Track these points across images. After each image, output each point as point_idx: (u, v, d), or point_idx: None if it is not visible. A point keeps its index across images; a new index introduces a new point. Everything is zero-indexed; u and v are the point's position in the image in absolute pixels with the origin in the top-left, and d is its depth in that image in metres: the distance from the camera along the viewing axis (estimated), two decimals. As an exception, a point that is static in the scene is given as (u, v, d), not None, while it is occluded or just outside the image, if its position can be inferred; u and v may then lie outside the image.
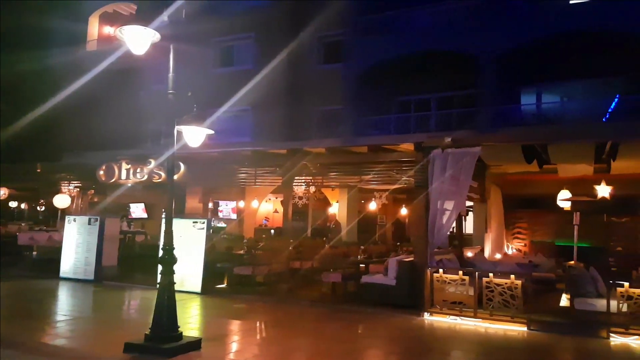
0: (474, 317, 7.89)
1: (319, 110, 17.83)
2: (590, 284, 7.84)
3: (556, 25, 13.60)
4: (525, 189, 15.08)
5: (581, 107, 14.85)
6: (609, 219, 15.10)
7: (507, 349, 6.81)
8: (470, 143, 8.47)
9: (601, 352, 6.62)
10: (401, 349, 6.70)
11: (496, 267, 10.22)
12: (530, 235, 15.99)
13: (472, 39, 14.55)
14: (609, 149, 8.53)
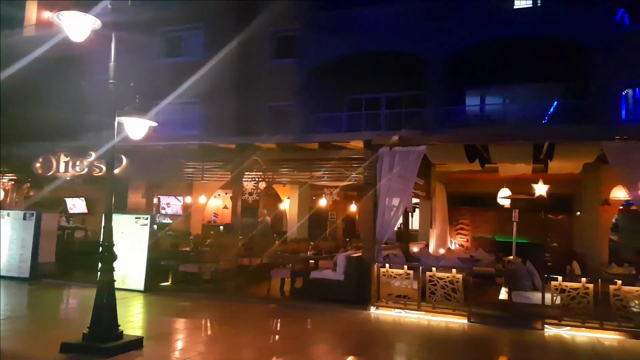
0: (418, 310, 8.13)
1: (271, 106, 17.70)
2: (527, 278, 8.25)
3: (500, 30, 14.18)
4: (468, 187, 15.69)
5: (522, 110, 15.58)
6: (546, 216, 15.94)
7: (448, 341, 7.06)
8: (416, 142, 8.69)
9: (536, 343, 6.96)
10: (347, 343, 6.78)
11: (439, 261, 10.58)
12: (473, 231, 16.63)
13: (420, 41, 14.91)
14: (546, 150, 9.00)
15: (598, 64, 13.34)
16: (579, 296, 7.35)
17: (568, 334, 7.25)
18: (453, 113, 15.07)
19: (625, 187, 8.02)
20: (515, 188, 12.40)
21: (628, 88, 14.26)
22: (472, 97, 16.49)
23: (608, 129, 9.60)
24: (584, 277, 7.65)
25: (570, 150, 8.89)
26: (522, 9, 15.27)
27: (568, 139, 8.26)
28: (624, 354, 6.43)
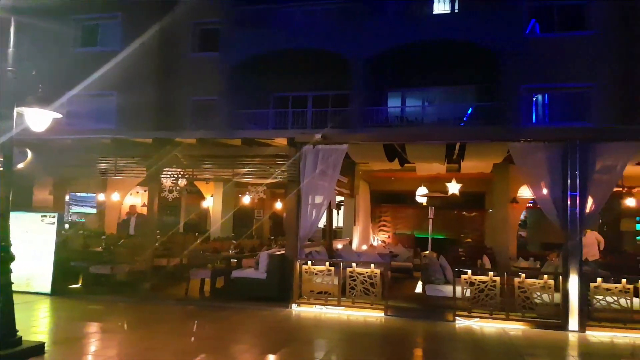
0: (338, 306, 8.25)
1: (194, 100, 17.19)
2: (439, 271, 8.66)
3: (420, 33, 14.77)
4: (390, 185, 16.25)
5: (439, 112, 16.37)
6: (460, 213, 16.88)
7: (365, 335, 7.23)
8: (338, 140, 8.81)
9: (447, 334, 7.30)
10: (266, 341, 6.73)
11: (360, 257, 10.81)
12: (394, 227, 17.25)
13: (344, 40, 15.17)
14: (458, 150, 9.50)
15: (509, 69, 14.31)
16: (487, 289, 7.81)
17: (477, 325, 7.67)
18: (375, 113, 15.50)
19: (529, 186, 8.64)
20: (432, 186, 13.01)
21: (538, 93, 15.43)
22: (394, 98, 17.06)
23: (514, 130, 10.33)
24: (493, 270, 8.15)
25: (480, 150, 9.44)
26: (441, 15, 16.03)
27: (477, 140, 8.76)
28: (527, 343, 6.89)
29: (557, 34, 14.92)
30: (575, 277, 7.50)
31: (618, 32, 14.34)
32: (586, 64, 14.34)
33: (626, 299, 7.28)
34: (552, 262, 9.11)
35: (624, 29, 14.35)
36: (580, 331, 7.32)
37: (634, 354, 6.57)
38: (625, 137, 7.69)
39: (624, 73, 14.15)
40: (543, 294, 7.62)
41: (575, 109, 14.73)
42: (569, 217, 7.60)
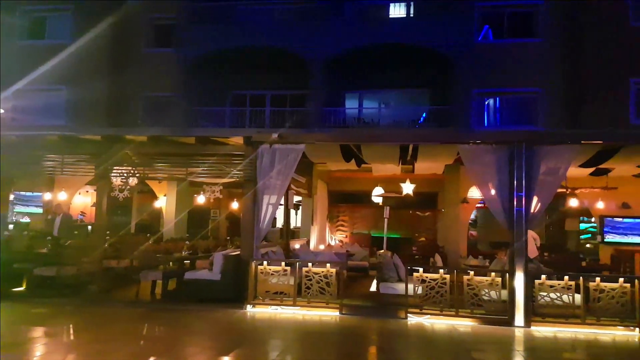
0: (294, 306, 8.25)
1: (148, 96, 16.74)
2: (393, 270, 8.82)
3: (376, 36, 14.98)
4: (348, 185, 16.39)
5: (395, 114, 16.67)
6: (414, 213, 17.23)
7: (320, 333, 7.27)
8: (295, 140, 8.81)
9: (399, 331, 7.44)
10: (220, 342, 6.65)
11: (317, 257, 10.85)
12: (351, 227, 17.40)
13: (303, 40, 15.18)
14: (412, 152, 9.70)
15: (462, 73, 14.74)
16: (438, 286, 8.02)
17: (428, 321, 7.87)
18: (333, 113, 15.59)
19: (478, 187, 8.92)
20: (387, 187, 13.21)
21: (489, 97, 15.98)
22: (352, 99, 17.22)
23: (463, 133, 10.64)
24: (444, 268, 8.38)
25: (432, 152, 9.68)
26: (397, 18, 16.32)
27: (429, 142, 8.99)
28: (475, 339, 7.13)
29: (508, 40, 15.51)
30: (521, 274, 7.82)
31: (563, 40, 15.07)
32: (534, 70, 14.99)
33: (568, 295, 7.64)
34: (500, 260, 9.46)
35: (570, 37, 15.10)
36: (526, 327, 7.64)
37: (575, 348, 6.93)
38: (568, 141, 8.09)
39: (569, 79, 14.89)
40: (491, 291, 7.90)
41: (524, 113, 15.37)
42: (515, 217, 7.91)
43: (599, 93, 14.49)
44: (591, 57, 14.65)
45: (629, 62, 14.42)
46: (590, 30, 14.86)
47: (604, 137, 8.24)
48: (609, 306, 7.50)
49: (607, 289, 7.53)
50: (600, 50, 14.59)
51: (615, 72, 14.50)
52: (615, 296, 7.50)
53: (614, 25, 14.66)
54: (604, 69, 14.54)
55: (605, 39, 14.63)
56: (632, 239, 12.76)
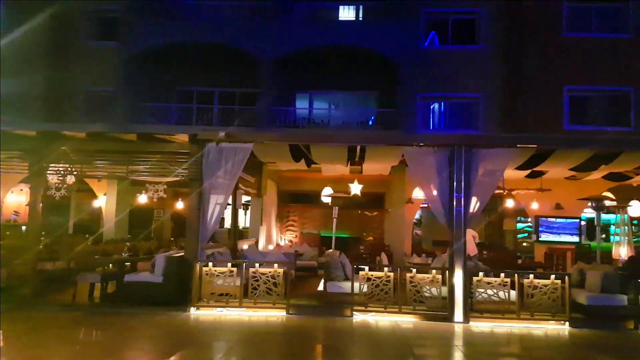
0: (240, 307, 8.15)
1: (90, 91, 16.03)
2: (340, 269, 8.90)
3: (326, 38, 15.10)
4: (298, 185, 16.40)
5: (345, 115, 16.87)
6: (362, 213, 17.48)
7: (266, 334, 7.24)
8: (243, 139, 8.71)
9: (344, 329, 7.54)
10: (161, 345, 6.46)
11: (266, 257, 10.77)
12: (301, 227, 17.41)
13: (253, 39, 15.04)
14: (360, 153, 9.84)
15: (408, 78, 15.13)
16: (382, 284, 8.20)
17: (373, 319, 8.02)
18: (284, 113, 15.56)
19: (420, 188, 9.19)
20: (336, 187, 13.33)
21: (434, 101, 16.49)
22: (302, 100, 17.26)
23: (407, 135, 10.96)
24: (388, 267, 8.56)
25: (378, 153, 9.87)
26: (346, 21, 16.52)
27: (375, 143, 9.17)
28: (417, 334, 7.33)
29: (452, 46, 16.07)
30: (460, 271, 8.12)
31: (503, 47, 15.80)
32: (475, 76, 15.62)
33: (504, 291, 8.02)
34: (441, 258, 9.79)
35: (509, 45, 15.85)
36: (465, 322, 7.94)
37: (510, 342, 7.27)
38: (504, 144, 8.49)
39: (508, 85, 15.63)
40: (432, 287, 8.16)
41: (465, 117, 15.99)
42: (454, 217, 8.21)
43: (536, 99, 15.31)
44: (528, 65, 15.45)
45: (563, 70, 15.33)
46: (528, 38, 15.67)
47: (538, 142, 8.70)
48: (542, 301, 7.94)
49: (540, 286, 7.97)
50: (537, 58, 15.42)
51: (551, 79, 15.37)
52: (547, 292, 7.94)
53: (549, 35, 15.54)
54: (540, 77, 15.38)
55: (542, 48, 15.47)
56: (565, 238, 13.58)
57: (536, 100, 15.30)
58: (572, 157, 9.19)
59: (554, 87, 15.34)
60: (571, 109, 15.40)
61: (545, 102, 15.26)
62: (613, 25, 15.57)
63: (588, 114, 15.52)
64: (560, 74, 15.33)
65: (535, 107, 15.24)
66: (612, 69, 15.21)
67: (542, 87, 15.37)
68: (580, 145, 8.60)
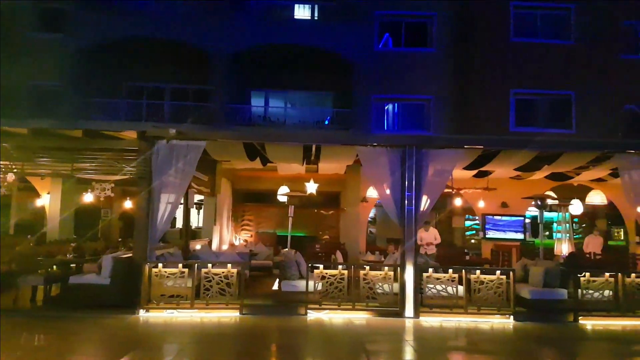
0: (191, 308, 8.00)
1: (34, 85, 15.25)
2: (295, 267, 8.91)
3: (281, 36, 15.06)
4: (254, 184, 16.25)
5: (301, 114, 16.88)
6: (319, 211, 17.57)
7: (218, 335, 7.14)
8: (195, 137, 8.54)
9: (298, 327, 7.56)
10: (107, 349, 6.25)
11: (219, 258, 10.63)
12: (257, 226, 17.29)
13: (206, 35, 14.81)
14: (315, 152, 9.89)
15: (363, 79, 15.35)
16: (337, 282, 8.27)
17: (327, 316, 8.08)
18: (239, 111, 15.40)
19: (374, 187, 9.33)
20: (293, 186, 13.30)
21: (388, 102, 16.78)
22: (258, 98, 17.13)
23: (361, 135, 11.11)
24: (342, 265, 8.64)
25: (334, 153, 9.95)
26: (302, 20, 16.53)
27: (330, 143, 9.24)
28: (369, 331, 7.47)
29: (404, 49, 16.42)
30: (411, 268, 8.31)
31: (453, 51, 16.29)
32: (427, 78, 16.04)
33: (452, 287, 8.27)
34: (392, 254, 9.98)
35: (459, 48, 16.36)
36: (415, 317, 8.13)
37: (458, 336, 7.51)
38: (453, 145, 8.77)
39: (457, 88, 16.14)
40: (384, 284, 8.31)
41: (418, 118, 16.40)
42: (406, 215, 8.40)
43: (484, 102, 15.90)
44: (477, 68, 16.02)
45: (510, 74, 15.99)
46: (477, 43, 16.25)
47: (484, 143, 9.05)
48: (488, 296, 8.24)
49: (486, 281, 8.27)
50: (486, 62, 16.02)
51: (499, 82, 16.00)
52: (493, 287, 8.25)
53: (497, 39, 16.17)
54: (488, 80, 15.99)
55: (490, 52, 16.08)
56: (510, 235, 14.17)
57: (484, 102, 15.89)
58: (517, 158, 9.61)
59: (502, 90, 15.98)
60: (517, 112, 16.09)
61: (493, 105, 15.87)
62: (556, 32, 16.39)
63: (533, 117, 16.27)
64: (507, 77, 15.98)
65: (484, 109, 15.82)
66: (556, 73, 16.01)
67: (490, 90, 15.97)
68: (524, 147, 8.98)
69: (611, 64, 16.09)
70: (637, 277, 8.44)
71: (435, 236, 11.89)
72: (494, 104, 15.90)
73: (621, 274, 8.44)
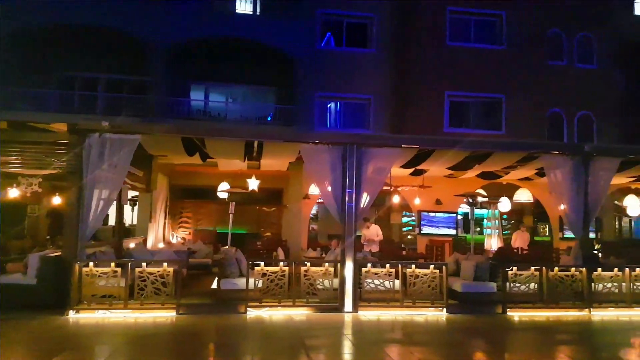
0: (125, 309, 7.72)
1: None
2: (235, 265, 8.81)
3: (223, 29, 14.81)
4: (192, 180, 15.83)
5: (243, 109, 16.68)
6: (260, 208, 17.44)
7: (153, 336, 6.95)
8: (130, 130, 8.22)
9: (237, 325, 7.50)
10: (34, 352, 5.91)
11: (154, 256, 10.31)
12: (195, 223, 16.89)
13: (144, 24, 14.26)
14: (257, 148, 9.81)
15: (305, 76, 15.41)
16: (277, 279, 8.29)
17: (267, 314, 8.07)
18: (178, 104, 14.97)
19: (316, 184, 9.41)
20: (234, 182, 13.13)
21: (331, 101, 16.95)
22: (197, 91, 16.74)
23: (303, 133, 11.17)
24: (284, 261, 8.66)
25: (276, 149, 9.93)
26: (243, 14, 16.33)
27: (272, 139, 9.22)
28: (309, 326, 7.53)
29: (346, 48, 16.67)
30: (351, 263, 8.48)
31: (392, 52, 16.72)
32: (367, 78, 16.38)
33: (389, 281, 8.53)
34: (332, 250, 10.13)
35: (397, 50, 16.82)
36: (354, 312, 8.31)
37: (394, 329, 7.76)
38: (391, 144, 9.02)
39: (396, 88, 16.60)
40: (324, 280, 8.43)
41: (359, 117, 16.72)
42: (346, 212, 8.55)
43: (421, 103, 16.47)
44: (415, 70, 16.56)
45: (445, 77, 16.65)
46: (415, 45, 16.78)
47: (420, 142, 9.39)
48: (423, 290, 8.58)
49: (420, 275, 8.60)
50: (423, 64, 16.58)
51: (434, 84, 16.62)
52: (427, 281, 8.59)
53: (434, 43, 16.78)
54: (425, 82, 16.57)
55: (427, 55, 16.66)
56: (443, 231, 14.78)
57: (421, 103, 16.46)
58: (450, 157, 10.05)
59: (437, 91, 16.62)
60: (451, 113, 16.80)
61: (429, 106, 16.48)
62: (489, 37, 17.26)
63: (465, 118, 17.05)
64: (443, 79, 16.64)
65: (421, 110, 16.38)
66: (488, 77, 16.87)
67: (426, 92, 16.57)
68: (456, 147, 9.40)
69: (538, 69, 17.19)
70: (560, 270, 9.07)
71: (377, 232, 12.17)
72: (430, 105, 16.50)
73: (545, 267, 9.04)
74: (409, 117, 16.20)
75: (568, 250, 12.08)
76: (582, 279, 8.96)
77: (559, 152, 9.52)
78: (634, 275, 9.08)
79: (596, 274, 9.01)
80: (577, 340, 7.50)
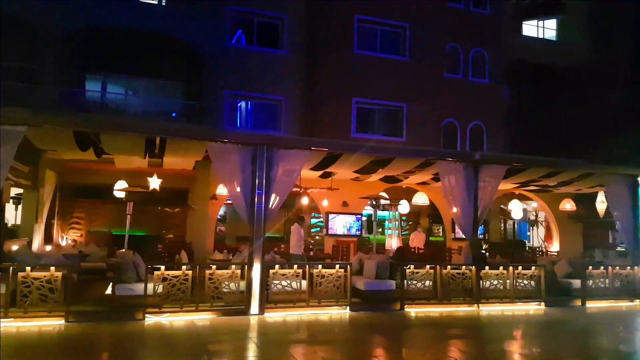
0: (5, 318, 6.96)
1: None
2: (132, 270, 8.29)
3: (124, 18, 13.93)
4: (86, 177, 14.65)
5: (145, 104, 15.81)
6: (163, 209, 16.64)
7: (37, 346, 6.33)
8: (14, 121, 7.40)
9: (134, 333, 7.07)
10: None
11: (40, 259, 9.37)
12: (88, 225, 15.69)
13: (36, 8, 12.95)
14: (160, 145, 9.33)
15: (213, 73, 15.01)
16: (179, 283, 7.93)
17: (167, 320, 7.70)
18: (71, 95, 13.78)
19: (224, 184, 9.20)
20: (133, 181, 12.36)
21: (241, 100, 16.66)
22: (94, 82, 15.56)
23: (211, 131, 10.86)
24: (187, 265, 8.31)
25: (181, 147, 9.53)
26: (148, 4, 15.52)
27: (177, 136, 8.81)
28: (212, 331, 7.32)
29: (257, 47, 16.54)
30: (259, 265, 8.39)
31: (304, 55, 16.92)
32: (278, 79, 16.40)
33: (297, 281, 8.58)
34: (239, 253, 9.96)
35: (308, 54, 17.05)
36: (260, 314, 8.23)
37: (299, 329, 7.81)
38: (300, 146, 9.09)
39: (307, 91, 16.82)
40: (231, 283, 8.24)
41: (270, 117, 16.67)
42: (255, 213, 8.45)
43: (330, 107, 16.85)
44: (325, 75, 16.90)
45: (353, 83, 17.19)
46: (325, 50, 17.13)
47: (328, 146, 9.59)
48: (328, 289, 8.75)
49: (326, 275, 8.76)
50: (332, 69, 16.98)
51: (343, 90, 17.09)
52: (332, 280, 8.78)
53: (343, 50, 17.26)
54: (334, 87, 16.98)
55: (336, 61, 17.09)
56: (349, 232, 15.23)
57: (330, 108, 16.83)
58: (356, 161, 10.38)
59: (345, 97, 17.11)
60: (358, 119, 17.40)
61: (337, 111, 16.91)
62: (394, 48, 18.13)
63: (371, 124, 17.75)
64: (351, 86, 17.18)
65: (330, 114, 16.76)
66: (391, 86, 17.71)
67: (335, 97, 16.98)
68: (361, 151, 9.73)
69: (436, 81, 18.41)
70: (452, 269, 9.76)
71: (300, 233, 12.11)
72: (339, 110, 16.94)
73: (439, 266, 9.67)
74: (319, 120, 16.48)
75: (459, 250, 13.04)
76: (471, 276, 9.72)
77: (453, 159, 10.26)
78: (516, 273, 10.02)
79: (484, 272, 9.81)
80: (467, 334, 8.09)
